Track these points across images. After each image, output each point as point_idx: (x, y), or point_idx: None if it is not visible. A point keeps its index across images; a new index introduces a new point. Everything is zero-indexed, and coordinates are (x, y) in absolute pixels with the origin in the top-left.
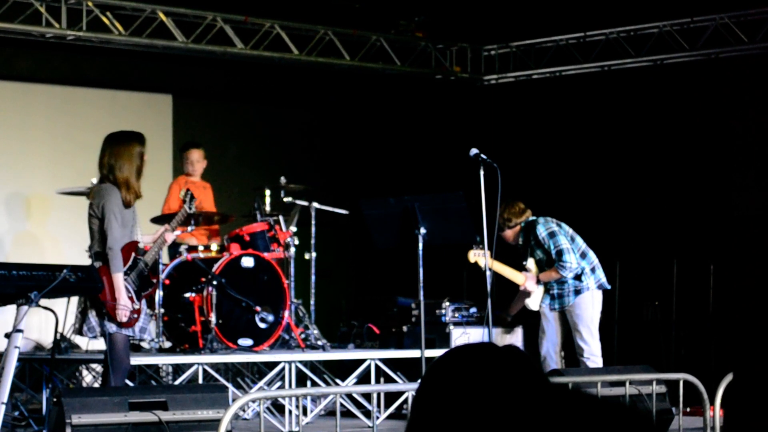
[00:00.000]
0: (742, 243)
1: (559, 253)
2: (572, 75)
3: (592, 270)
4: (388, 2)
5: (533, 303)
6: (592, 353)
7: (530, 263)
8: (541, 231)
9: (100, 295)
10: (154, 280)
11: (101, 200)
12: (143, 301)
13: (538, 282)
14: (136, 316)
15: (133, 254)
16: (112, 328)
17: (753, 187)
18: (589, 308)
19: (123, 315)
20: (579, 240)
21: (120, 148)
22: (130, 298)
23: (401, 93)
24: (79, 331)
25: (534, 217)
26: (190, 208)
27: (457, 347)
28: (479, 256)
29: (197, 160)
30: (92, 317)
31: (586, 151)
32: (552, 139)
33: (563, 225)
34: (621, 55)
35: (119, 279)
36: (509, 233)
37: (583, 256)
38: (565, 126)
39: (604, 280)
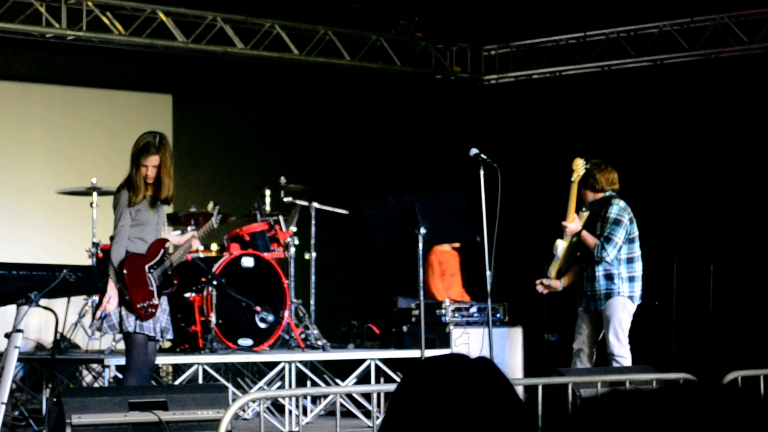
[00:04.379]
0: (742, 243)
1: (608, 239)
2: (572, 75)
3: (630, 279)
4: (388, 2)
5: (550, 270)
6: (621, 355)
7: (584, 216)
8: (612, 213)
9: (125, 287)
10: (176, 282)
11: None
12: (164, 299)
13: (578, 234)
14: (153, 310)
15: (162, 251)
16: (130, 326)
17: (752, 187)
18: (619, 311)
19: None
20: (636, 246)
21: (132, 154)
22: (151, 293)
23: (401, 93)
24: (99, 327)
25: (616, 194)
26: (216, 222)
27: (430, 358)
28: (577, 219)
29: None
30: (114, 315)
31: (585, 151)
32: (552, 139)
33: (634, 223)
34: (621, 55)
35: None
36: (590, 195)
37: (629, 261)
38: (565, 126)
39: (636, 294)
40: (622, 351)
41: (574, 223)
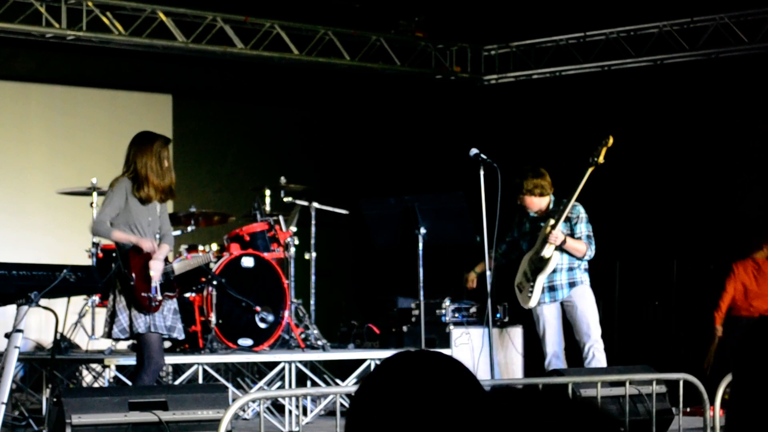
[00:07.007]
0: (743, 243)
1: (590, 237)
2: (572, 75)
3: (586, 270)
4: (388, 2)
5: (533, 300)
6: (597, 340)
7: (551, 223)
8: (582, 212)
9: (130, 275)
10: (177, 289)
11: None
12: (172, 302)
13: (562, 244)
14: (156, 303)
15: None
16: (141, 327)
17: (753, 187)
18: (592, 299)
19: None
20: None
21: (143, 147)
22: (154, 288)
23: (401, 93)
24: (108, 334)
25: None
26: (207, 261)
27: (396, 354)
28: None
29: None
30: (123, 318)
31: (585, 151)
32: (552, 139)
33: None
34: (621, 55)
35: (118, 235)
36: (537, 203)
37: None
38: (565, 126)
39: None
40: (599, 336)
41: (557, 230)
